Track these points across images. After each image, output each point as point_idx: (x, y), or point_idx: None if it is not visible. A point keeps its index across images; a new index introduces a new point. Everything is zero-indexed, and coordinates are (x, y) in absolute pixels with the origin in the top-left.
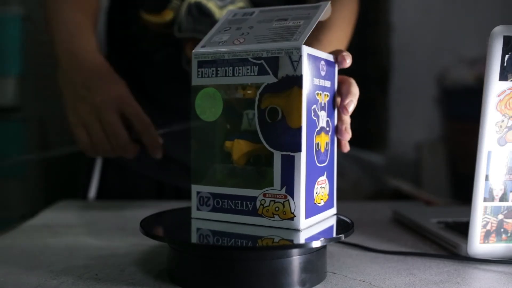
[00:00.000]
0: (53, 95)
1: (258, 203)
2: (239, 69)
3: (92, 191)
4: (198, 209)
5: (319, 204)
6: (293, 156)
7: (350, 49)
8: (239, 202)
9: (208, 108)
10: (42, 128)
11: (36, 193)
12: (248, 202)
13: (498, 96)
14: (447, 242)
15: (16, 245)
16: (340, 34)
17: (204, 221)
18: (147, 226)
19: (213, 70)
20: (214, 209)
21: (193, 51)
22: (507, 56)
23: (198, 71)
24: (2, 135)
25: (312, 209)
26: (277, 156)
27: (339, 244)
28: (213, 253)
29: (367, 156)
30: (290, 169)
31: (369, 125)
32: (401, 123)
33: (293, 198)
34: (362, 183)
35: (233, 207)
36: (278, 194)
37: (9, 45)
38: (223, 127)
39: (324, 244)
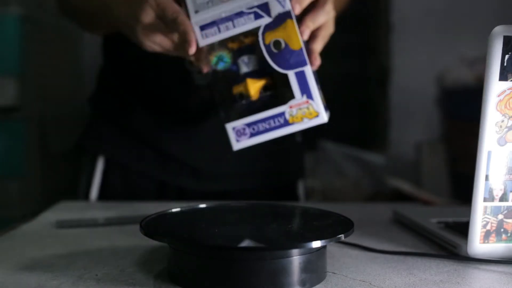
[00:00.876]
0: (53, 95)
1: (287, 115)
2: (238, 21)
3: (94, 192)
4: (237, 141)
5: (324, 104)
6: (303, 70)
7: (350, 48)
8: (271, 120)
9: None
10: (42, 128)
11: (36, 193)
12: (279, 118)
13: (498, 96)
14: (447, 242)
15: (16, 246)
16: None
17: (204, 218)
18: (147, 226)
19: (215, 29)
20: (252, 135)
21: (192, 20)
22: (507, 56)
23: (202, 34)
24: (2, 135)
25: (325, 107)
26: (291, 75)
27: (339, 244)
28: (213, 253)
29: (367, 156)
30: (304, 80)
31: (369, 125)
32: (401, 123)
33: (313, 100)
34: (362, 183)
35: (268, 126)
36: (301, 102)
37: (9, 45)
38: (228, 77)
39: (324, 244)
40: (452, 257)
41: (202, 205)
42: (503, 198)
